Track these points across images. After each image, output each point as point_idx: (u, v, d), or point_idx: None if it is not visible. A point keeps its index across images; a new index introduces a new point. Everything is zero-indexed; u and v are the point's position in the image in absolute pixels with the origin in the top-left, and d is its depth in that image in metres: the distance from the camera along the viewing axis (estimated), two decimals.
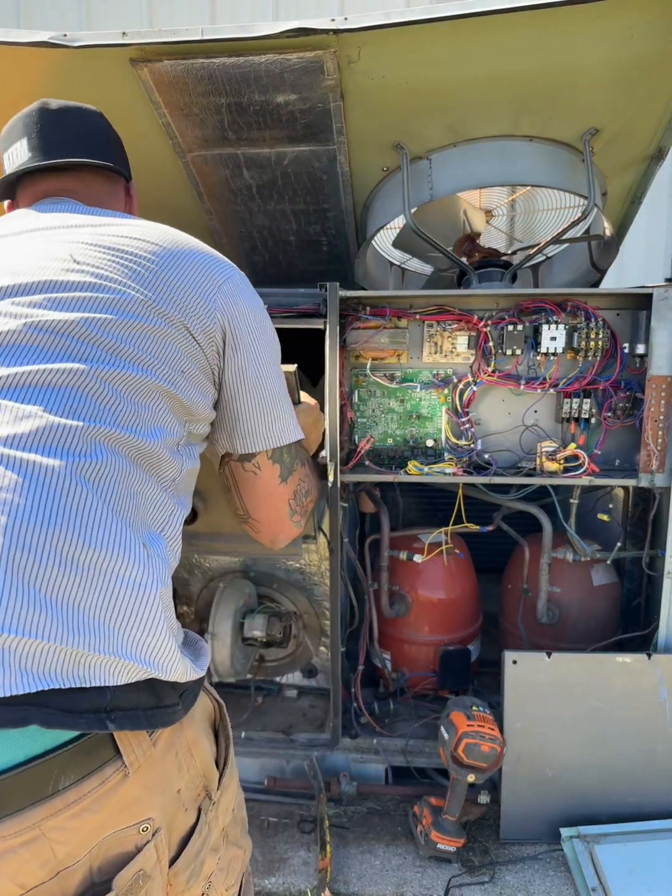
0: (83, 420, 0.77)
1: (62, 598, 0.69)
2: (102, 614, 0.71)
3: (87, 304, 0.83)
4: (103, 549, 0.73)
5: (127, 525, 0.77)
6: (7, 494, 0.69)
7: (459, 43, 1.50)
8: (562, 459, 1.74)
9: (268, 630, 1.91)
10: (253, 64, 1.50)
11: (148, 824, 0.75)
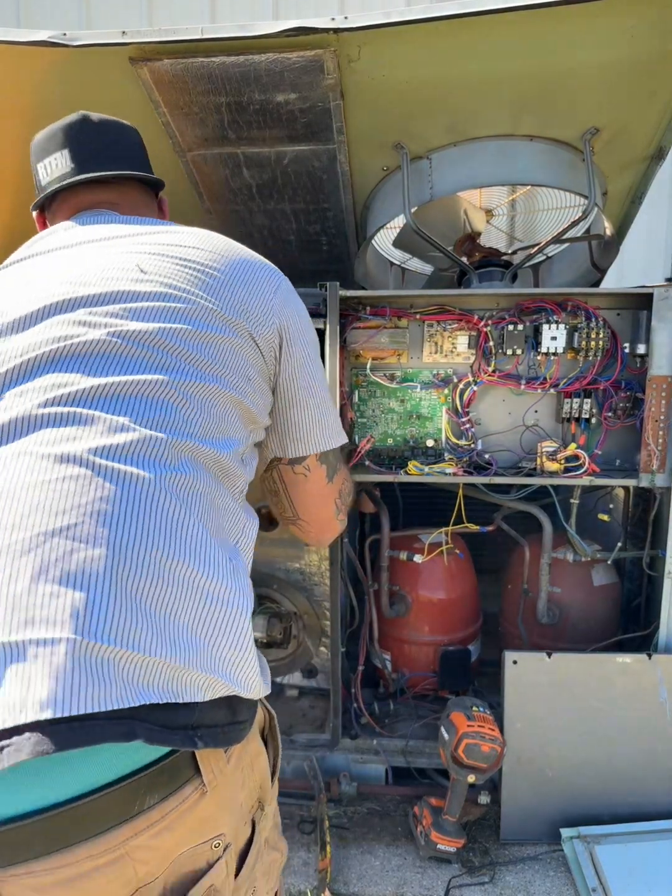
0: (169, 432, 0.78)
1: (161, 611, 0.69)
2: (196, 630, 0.71)
3: (161, 314, 0.84)
4: (197, 563, 0.73)
5: (215, 539, 0.78)
6: (106, 506, 0.69)
7: (459, 42, 1.50)
8: (562, 459, 1.74)
9: (268, 631, 1.90)
10: (253, 63, 1.50)
11: (220, 840, 0.75)
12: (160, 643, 0.67)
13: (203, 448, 0.80)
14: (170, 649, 0.68)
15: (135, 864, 0.66)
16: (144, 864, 0.67)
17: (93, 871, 0.64)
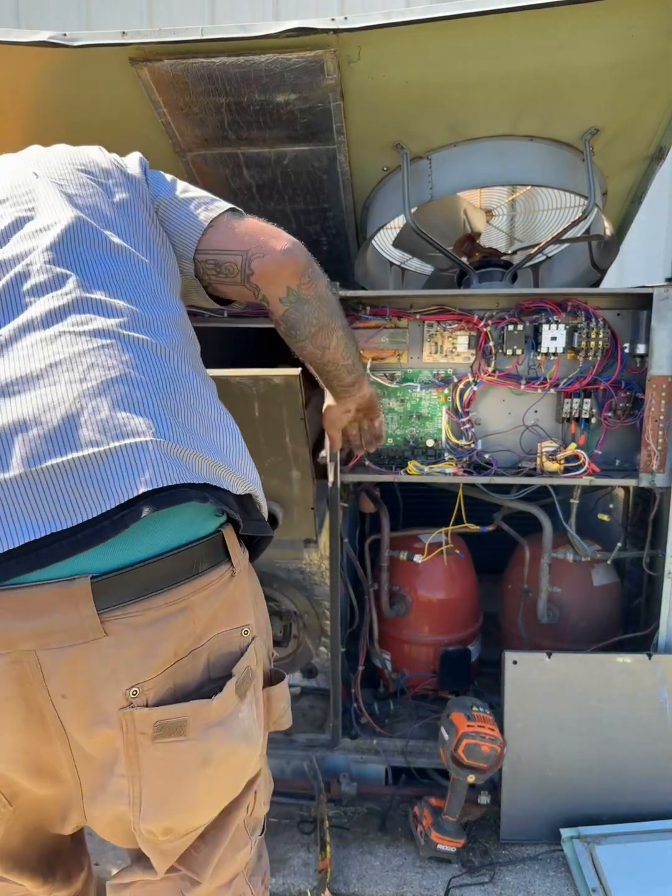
0: (153, 308, 0.95)
1: (197, 431, 0.90)
2: (221, 445, 0.94)
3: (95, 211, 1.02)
4: (203, 403, 0.95)
5: (205, 385, 0.99)
6: (139, 361, 0.88)
7: (460, 43, 1.50)
8: (562, 459, 1.74)
9: None
10: (253, 63, 1.50)
11: (247, 628, 0.91)
12: (202, 447, 0.89)
13: (173, 315, 0.99)
14: (210, 451, 0.89)
15: (195, 619, 0.84)
16: (200, 622, 0.85)
17: (169, 616, 0.81)
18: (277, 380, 1.46)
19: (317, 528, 1.76)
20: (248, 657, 0.89)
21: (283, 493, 1.71)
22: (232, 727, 0.86)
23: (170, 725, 0.81)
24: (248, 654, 0.90)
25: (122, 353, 0.87)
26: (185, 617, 0.83)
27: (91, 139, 1.76)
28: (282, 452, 1.62)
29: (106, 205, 1.00)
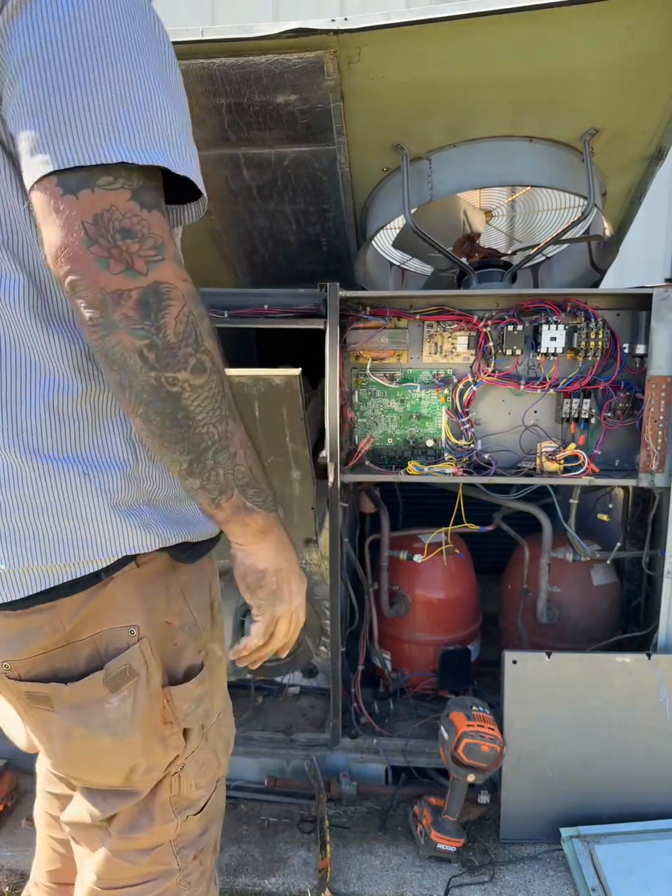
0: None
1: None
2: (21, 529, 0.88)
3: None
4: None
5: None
6: None
7: (459, 43, 1.51)
8: (562, 459, 1.75)
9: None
10: (253, 64, 1.50)
11: (133, 629, 0.91)
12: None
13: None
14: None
15: (62, 618, 0.87)
16: (68, 621, 0.87)
17: (34, 613, 0.86)
18: (278, 380, 1.46)
19: (317, 528, 1.77)
20: (130, 655, 0.91)
21: (283, 493, 1.71)
22: (91, 715, 0.91)
23: (37, 697, 0.91)
24: (130, 652, 0.91)
25: None
26: (48, 615, 0.87)
27: None
28: (282, 452, 1.62)
29: None
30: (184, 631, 0.97)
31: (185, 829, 1.07)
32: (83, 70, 0.68)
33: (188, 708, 0.98)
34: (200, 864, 1.10)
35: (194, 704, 0.99)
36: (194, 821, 1.08)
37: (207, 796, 1.09)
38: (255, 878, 1.68)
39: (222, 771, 1.13)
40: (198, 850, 1.10)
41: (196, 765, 1.05)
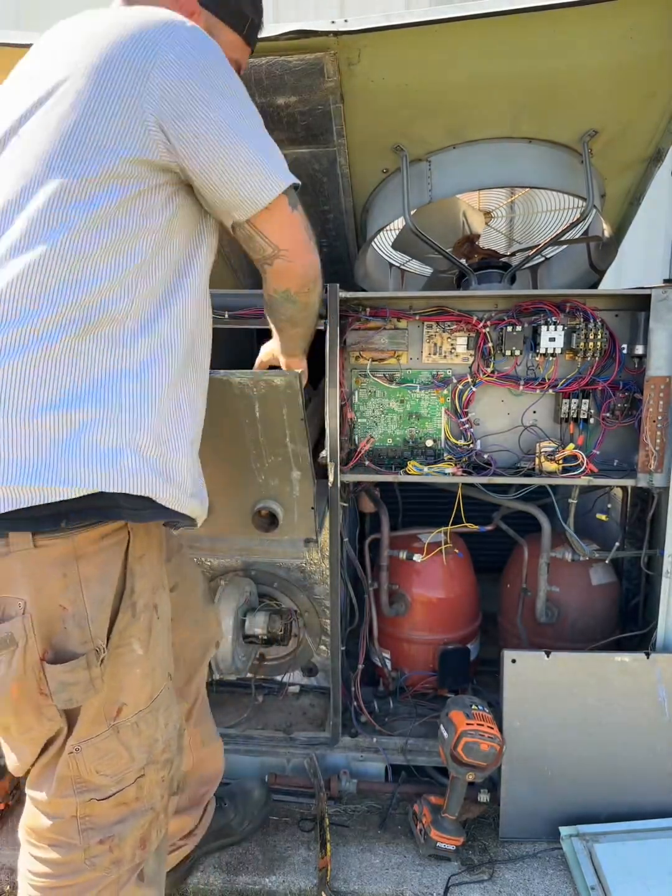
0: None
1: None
2: (30, 452, 0.97)
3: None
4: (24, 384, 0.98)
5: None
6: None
7: (459, 45, 1.51)
8: (561, 459, 1.75)
9: (269, 627, 1.91)
10: (253, 66, 1.51)
11: (21, 603, 0.99)
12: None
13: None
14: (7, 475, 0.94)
15: None
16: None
17: None
18: (278, 380, 1.47)
19: (317, 528, 1.77)
20: (13, 625, 1.00)
21: (283, 493, 1.71)
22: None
23: None
24: (14, 622, 1.00)
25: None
26: None
27: None
28: (282, 452, 1.63)
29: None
30: (74, 619, 1.03)
31: (90, 810, 1.12)
32: (243, 130, 1.05)
33: (56, 687, 1.03)
34: (111, 850, 1.13)
35: (61, 686, 1.03)
36: (103, 805, 1.12)
37: (117, 787, 1.13)
38: (256, 876, 1.68)
39: (139, 766, 1.14)
40: (106, 836, 1.13)
41: (97, 752, 1.10)
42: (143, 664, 1.13)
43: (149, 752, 1.16)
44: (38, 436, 0.94)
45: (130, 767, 1.14)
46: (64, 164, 0.97)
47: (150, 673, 1.15)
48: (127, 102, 0.98)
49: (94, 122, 0.98)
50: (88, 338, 0.97)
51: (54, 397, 0.95)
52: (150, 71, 0.98)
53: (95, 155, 0.97)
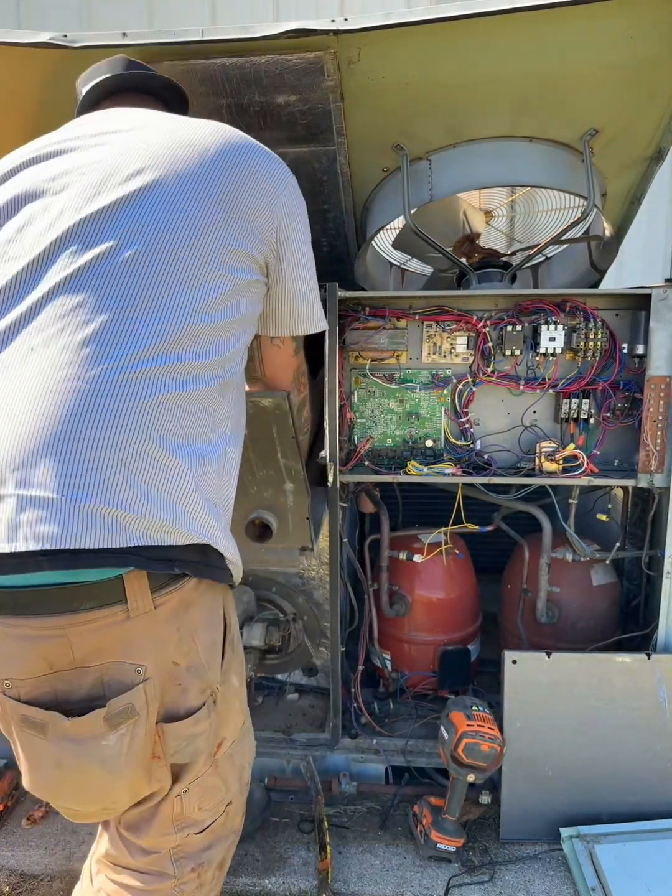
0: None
1: (123, 477, 0.89)
2: (159, 492, 0.91)
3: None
4: (152, 435, 0.91)
5: (167, 405, 0.97)
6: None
7: (459, 44, 1.51)
8: (561, 460, 1.75)
9: (266, 639, 1.90)
10: (253, 65, 1.51)
11: (141, 669, 0.94)
12: (132, 503, 0.88)
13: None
14: (141, 509, 0.88)
15: (72, 646, 0.90)
16: (79, 650, 0.91)
17: (42, 637, 0.90)
18: (266, 402, 1.45)
19: (312, 537, 1.77)
20: (133, 695, 0.93)
21: (277, 504, 1.71)
22: (89, 749, 0.93)
23: (33, 722, 0.92)
24: (135, 692, 0.93)
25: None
26: (58, 642, 0.90)
27: None
28: (274, 466, 1.62)
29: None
30: (190, 672, 0.99)
31: (185, 842, 1.09)
32: (307, 277, 1.21)
33: (178, 745, 1.00)
34: (199, 877, 1.12)
35: (185, 742, 1.00)
36: (198, 837, 1.10)
37: (213, 818, 1.12)
38: (255, 877, 1.68)
39: (231, 796, 1.14)
40: (197, 863, 1.12)
41: (201, 789, 1.07)
42: (240, 695, 1.13)
43: (239, 780, 1.16)
44: (174, 472, 0.92)
45: (225, 798, 1.13)
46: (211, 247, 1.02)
47: (243, 703, 1.15)
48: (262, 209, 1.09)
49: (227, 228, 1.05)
50: (224, 393, 1.02)
51: (195, 438, 0.96)
52: (283, 187, 1.14)
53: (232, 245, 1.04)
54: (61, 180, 1.01)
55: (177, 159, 1.02)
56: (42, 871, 1.70)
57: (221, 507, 1.02)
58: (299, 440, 1.58)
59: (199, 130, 1.08)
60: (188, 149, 1.04)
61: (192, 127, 1.09)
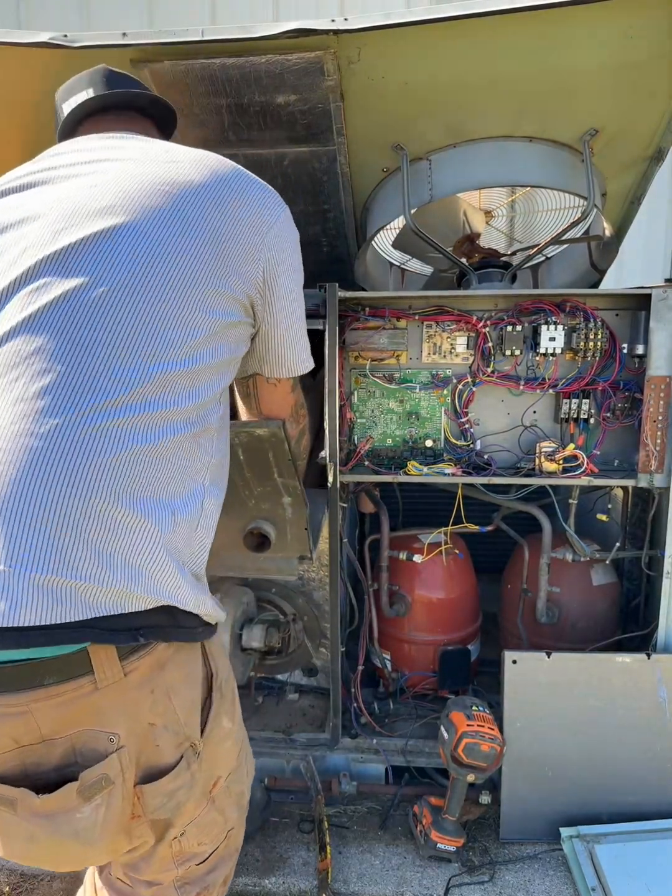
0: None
1: (103, 548, 0.84)
2: (122, 557, 0.86)
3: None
4: (117, 495, 0.86)
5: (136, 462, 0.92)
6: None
7: (459, 44, 1.51)
8: (561, 460, 1.75)
9: (266, 641, 1.90)
10: (253, 64, 1.51)
11: (114, 737, 0.89)
12: (93, 573, 0.83)
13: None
14: (102, 578, 0.83)
15: (38, 721, 0.86)
16: (46, 724, 0.86)
17: (5, 716, 0.86)
18: (261, 431, 1.43)
19: (311, 545, 1.77)
20: (108, 765, 0.89)
21: (275, 515, 1.71)
22: (61, 824, 0.89)
23: (1, 798, 0.88)
24: (108, 762, 0.88)
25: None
26: (22, 718, 0.86)
27: None
28: (271, 484, 1.62)
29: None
30: (166, 730, 0.95)
31: (188, 872, 1.08)
32: (299, 316, 1.18)
33: (159, 802, 0.96)
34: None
35: (165, 799, 0.97)
36: (201, 866, 1.09)
37: (214, 849, 1.10)
38: (255, 877, 1.68)
39: (231, 823, 1.13)
40: (202, 887, 1.10)
41: (198, 828, 1.05)
42: (232, 735, 1.10)
43: (238, 807, 1.14)
44: (138, 533, 0.87)
45: (225, 828, 1.11)
46: (202, 278, 0.97)
47: (237, 738, 1.12)
48: (248, 247, 1.03)
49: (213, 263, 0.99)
50: (199, 441, 0.96)
51: (166, 493, 0.90)
52: (272, 224, 1.07)
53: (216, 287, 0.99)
54: (31, 214, 0.95)
55: (157, 193, 0.96)
56: (42, 871, 1.70)
57: (194, 561, 0.97)
58: (297, 465, 1.57)
59: (183, 161, 1.02)
60: (170, 184, 0.98)
61: (175, 157, 1.03)
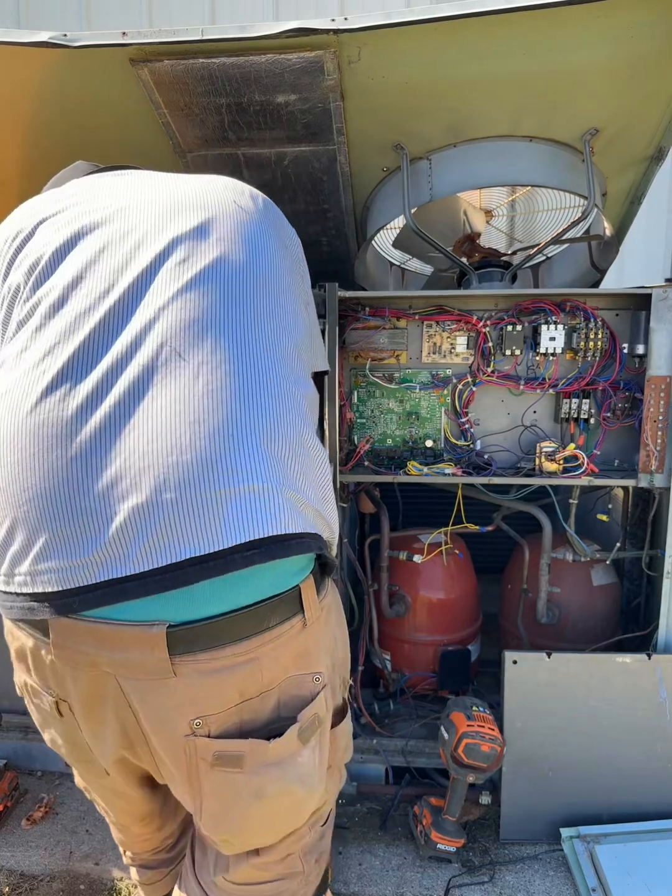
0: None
1: (300, 473, 0.91)
2: (320, 489, 0.95)
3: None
4: (307, 438, 0.95)
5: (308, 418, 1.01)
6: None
7: (459, 43, 1.50)
8: (561, 460, 1.74)
9: None
10: (253, 64, 1.50)
11: (319, 676, 0.95)
12: (310, 494, 0.92)
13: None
14: (314, 499, 0.92)
15: (262, 669, 0.89)
16: (268, 671, 0.90)
17: (235, 665, 0.87)
18: None
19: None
20: (317, 704, 0.92)
21: None
22: (288, 769, 0.91)
23: (228, 757, 0.88)
24: (317, 701, 0.93)
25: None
26: (251, 666, 0.88)
27: (91, 139, 1.77)
28: None
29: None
30: (335, 672, 1.01)
31: (312, 838, 1.10)
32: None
33: (345, 744, 1.02)
34: (318, 865, 1.14)
35: (345, 740, 1.03)
36: (320, 830, 1.12)
37: (330, 809, 1.14)
38: None
39: (340, 785, 1.18)
40: (318, 854, 1.13)
41: (331, 782, 1.09)
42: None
43: (343, 767, 1.18)
44: (322, 459, 0.98)
45: (339, 785, 1.15)
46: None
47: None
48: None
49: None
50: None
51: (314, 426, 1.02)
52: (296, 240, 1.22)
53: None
54: (125, 204, 1.05)
55: (240, 209, 1.08)
56: (42, 871, 1.70)
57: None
58: None
59: (230, 182, 1.16)
60: (241, 196, 1.10)
61: (224, 179, 1.16)
